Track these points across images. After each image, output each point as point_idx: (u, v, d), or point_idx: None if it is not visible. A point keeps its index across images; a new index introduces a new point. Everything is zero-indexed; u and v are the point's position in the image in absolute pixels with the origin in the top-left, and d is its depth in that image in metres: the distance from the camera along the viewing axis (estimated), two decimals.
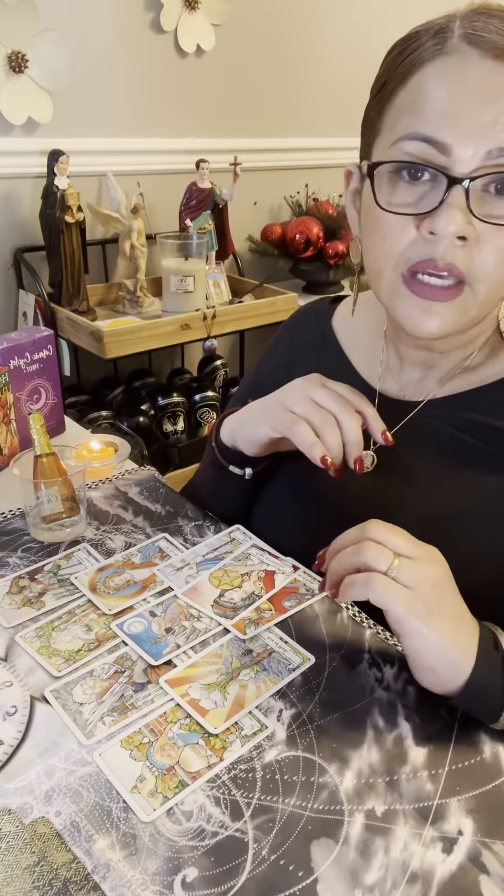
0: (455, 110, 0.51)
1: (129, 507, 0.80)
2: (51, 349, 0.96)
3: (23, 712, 0.53)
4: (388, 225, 0.56)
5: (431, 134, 0.52)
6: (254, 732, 0.51)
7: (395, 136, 0.55)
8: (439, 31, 0.53)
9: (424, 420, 0.68)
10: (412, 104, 0.54)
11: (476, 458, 0.64)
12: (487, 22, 0.52)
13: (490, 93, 0.51)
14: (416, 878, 0.42)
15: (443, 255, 0.54)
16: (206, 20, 1.79)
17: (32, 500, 0.73)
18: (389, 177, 0.56)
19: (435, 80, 0.53)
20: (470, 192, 0.52)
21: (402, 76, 0.55)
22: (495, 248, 0.54)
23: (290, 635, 0.60)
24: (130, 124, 1.78)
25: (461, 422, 0.66)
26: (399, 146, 0.54)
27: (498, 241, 0.53)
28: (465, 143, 0.51)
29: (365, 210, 0.60)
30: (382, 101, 0.57)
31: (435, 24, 0.54)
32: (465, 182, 0.52)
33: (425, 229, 0.54)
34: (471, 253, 0.54)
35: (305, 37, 2.03)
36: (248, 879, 0.42)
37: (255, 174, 2.03)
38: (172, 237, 1.73)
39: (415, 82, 0.54)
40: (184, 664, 0.57)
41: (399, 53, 0.56)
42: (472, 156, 0.51)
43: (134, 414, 1.86)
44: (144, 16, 1.70)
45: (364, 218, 0.61)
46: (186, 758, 0.50)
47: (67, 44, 1.57)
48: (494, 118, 0.51)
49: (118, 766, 0.49)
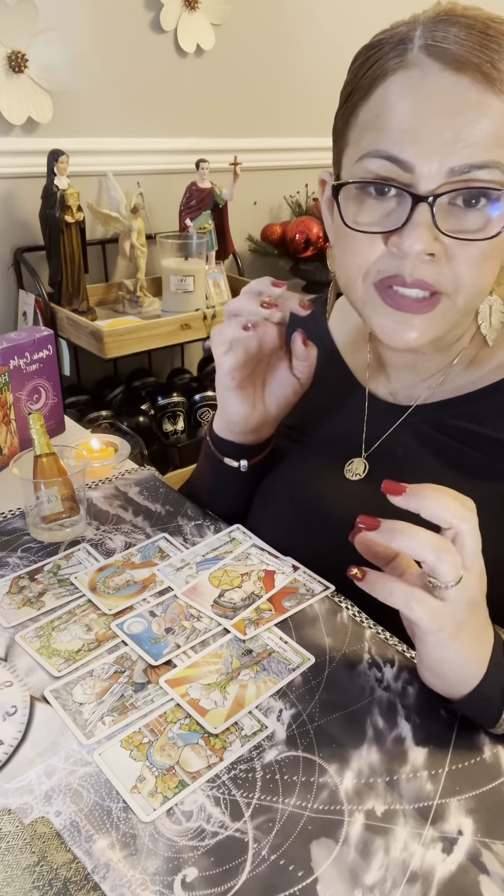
0: (417, 127, 0.51)
1: (129, 506, 0.80)
2: (51, 349, 0.96)
3: (23, 712, 0.53)
4: (357, 241, 0.56)
5: (394, 152, 0.52)
6: (254, 732, 0.51)
7: (359, 152, 0.55)
8: (400, 41, 0.52)
9: (414, 425, 0.68)
10: (375, 120, 0.53)
11: (465, 464, 0.65)
12: (447, 31, 0.50)
13: (451, 107, 0.50)
14: (415, 878, 0.42)
15: (411, 271, 0.54)
16: (206, 20, 1.79)
17: (32, 500, 0.73)
18: (356, 194, 0.56)
19: (395, 96, 0.52)
20: (436, 208, 0.51)
21: (365, 90, 0.55)
22: (466, 261, 0.54)
23: (290, 635, 0.60)
24: (130, 124, 1.78)
25: (449, 428, 0.66)
26: (363, 164, 0.54)
27: (468, 254, 0.53)
28: (427, 160, 0.51)
29: (336, 222, 0.60)
30: (348, 113, 0.57)
31: (397, 33, 0.53)
32: (429, 199, 0.51)
33: (393, 245, 0.54)
34: (440, 268, 0.54)
35: (305, 36, 2.03)
36: (248, 879, 0.42)
37: (255, 174, 2.03)
38: (172, 237, 1.73)
39: (376, 97, 0.54)
40: (184, 664, 0.57)
41: (362, 64, 0.56)
42: (435, 172, 0.51)
43: (134, 414, 1.86)
44: (144, 15, 1.70)
45: (335, 230, 0.61)
46: (186, 758, 0.50)
47: (67, 44, 1.57)
48: (455, 134, 0.50)
49: (118, 766, 0.49)
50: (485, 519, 0.47)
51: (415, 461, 0.67)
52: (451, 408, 0.67)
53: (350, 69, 0.58)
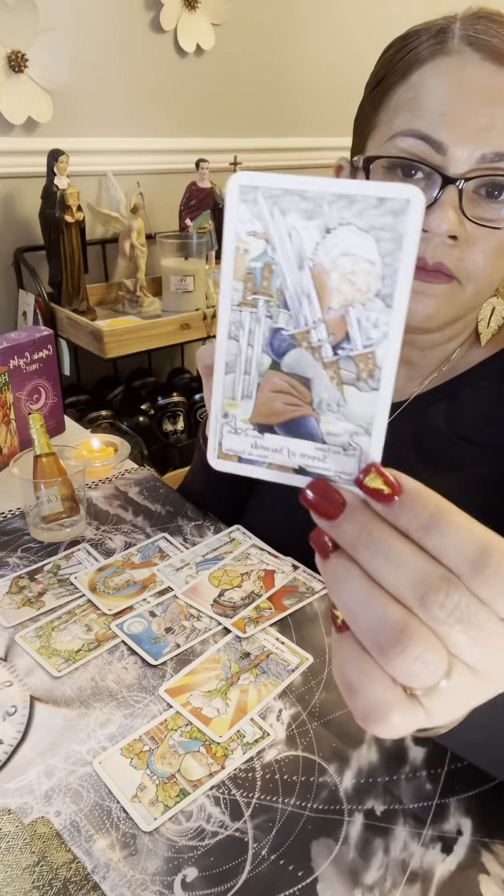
0: (454, 111, 0.52)
1: (129, 506, 0.80)
2: (50, 349, 0.96)
3: (22, 712, 0.53)
4: None
5: (429, 132, 0.53)
6: (255, 740, 0.51)
7: (391, 131, 0.55)
8: (440, 31, 0.54)
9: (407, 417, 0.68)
10: (411, 101, 0.54)
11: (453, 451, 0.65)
12: (488, 26, 0.52)
13: (489, 96, 0.51)
14: (415, 878, 0.42)
15: (433, 253, 0.54)
16: (206, 20, 1.79)
17: (32, 500, 0.73)
18: (384, 172, 0.56)
19: (435, 79, 0.53)
20: (463, 193, 0.52)
21: (402, 72, 0.55)
22: (484, 250, 0.54)
23: (289, 634, 0.60)
24: (130, 124, 1.77)
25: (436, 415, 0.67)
26: (395, 142, 0.55)
27: (487, 243, 0.54)
28: (461, 144, 0.52)
29: None
30: (379, 97, 0.58)
31: (435, 24, 0.55)
32: (459, 182, 0.52)
33: None
34: (461, 253, 0.54)
35: (305, 36, 2.03)
36: (248, 879, 0.42)
37: None
38: (172, 237, 1.72)
39: (414, 79, 0.54)
40: (182, 672, 0.57)
41: (398, 50, 0.56)
42: (467, 157, 0.52)
43: (134, 414, 1.86)
44: (144, 15, 1.70)
45: None
46: (187, 766, 0.49)
47: (67, 43, 1.57)
48: (491, 121, 0.51)
49: (118, 775, 0.48)
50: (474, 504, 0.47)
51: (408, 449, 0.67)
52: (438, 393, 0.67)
53: (382, 58, 0.59)
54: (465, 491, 0.51)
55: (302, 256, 0.26)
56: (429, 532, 0.25)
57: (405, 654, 0.24)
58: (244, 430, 0.28)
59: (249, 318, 0.27)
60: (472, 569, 0.24)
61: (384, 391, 0.26)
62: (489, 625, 0.25)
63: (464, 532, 0.25)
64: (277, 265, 0.26)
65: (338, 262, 0.26)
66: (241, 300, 0.27)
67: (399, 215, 0.25)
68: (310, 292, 0.26)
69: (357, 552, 0.26)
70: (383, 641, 0.25)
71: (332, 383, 0.27)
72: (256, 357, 0.28)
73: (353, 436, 0.27)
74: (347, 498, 0.27)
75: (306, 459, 0.28)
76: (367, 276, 0.25)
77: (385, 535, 0.26)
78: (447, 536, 0.25)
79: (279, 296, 0.27)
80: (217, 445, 0.29)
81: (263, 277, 0.27)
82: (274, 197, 0.26)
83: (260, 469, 0.29)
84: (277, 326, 0.27)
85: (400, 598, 0.25)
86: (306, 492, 0.27)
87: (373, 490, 0.26)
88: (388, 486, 0.26)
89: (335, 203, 0.25)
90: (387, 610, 0.25)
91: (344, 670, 0.27)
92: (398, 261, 0.25)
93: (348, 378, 0.27)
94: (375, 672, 0.26)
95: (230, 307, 0.27)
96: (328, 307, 0.26)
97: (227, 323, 0.27)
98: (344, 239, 0.25)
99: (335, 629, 0.28)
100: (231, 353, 0.28)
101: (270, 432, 0.28)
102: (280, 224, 0.26)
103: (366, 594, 0.26)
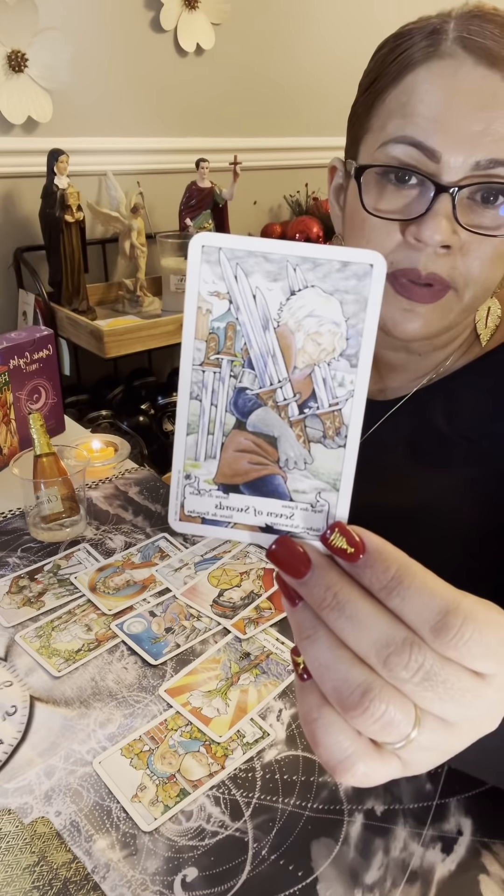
0: (447, 117, 0.51)
1: (129, 506, 0.80)
2: (50, 349, 0.96)
3: (22, 712, 0.53)
4: (374, 227, 0.56)
5: (421, 139, 0.51)
6: (255, 740, 0.51)
7: (384, 137, 0.54)
8: (433, 31, 0.52)
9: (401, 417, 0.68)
10: (403, 106, 0.53)
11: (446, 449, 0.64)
12: (482, 26, 0.51)
13: (482, 101, 0.50)
14: (415, 878, 0.42)
15: (426, 264, 0.53)
16: (206, 19, 1.79)
17: (32, 500, 0.73)
18: (377, 179, 0.55)
19: (427, 84, 0.52)
20: (456, 200, 0.51)
21: (394, 75, 0.54)
22: (480, 257, 0.53)
23: (289, 634, 0.60)
24: (130, 123, 1.77)
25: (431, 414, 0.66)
26: (387, 149, 0.54)
27: (482, 251, 0.53)
28: (455, 150, 0.51)
29: (350, 209, 0.59)
30: (371, 98, 0.57)
31: (429, 24, 0.53)
32: (452, 190, 0.51)
33: (410, 235, 0.54)
34: (454, 261, 0.54)
35: (305, 36, 2.03)
36: (248, 879, 0.42)
37: (255, 174, 2.03)
38: (172, 236, 1.72)
39: (406, 83, 0.53)
40: (182, 672, 0.57)
41: (391, 51, 0.55)
42: (461, 164, 0.51)
43: (134, 413, 1.86)
44: (144, 15, 1.70)
45: (348, 217, 0.60)
46: (187, 766, 0.49)
47: (67, 43, 1.57)
48: (485, 127, 0.50)
49: (118, 775, 0.49)
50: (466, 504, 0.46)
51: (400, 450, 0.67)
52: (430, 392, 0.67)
53: (374, 57, 0.57)
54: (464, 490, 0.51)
55: (267, 317, 0.27)
56: (390, 594, 0.25)
57: (366, 714, 0.25)
58: (207, 491, 0.28)
59: (213, 377, 0.27)
60: (433, 633, 0.24)
61: (350, 447, 0.27)
62: (457, 682, 0.25)
63: (425, 595, 0.25)
64: (242, 325, 0.27)
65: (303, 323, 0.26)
66: (203, 360, 0.27)
67: (363, 279, 0.25)
68: (275, 352, 0.27)
69: (322, 612, 0.26)
70: (345, 701, 0.25)
71: (299, 441, 0.27)
72: (220, 417, 0.28)
73: (320, 492, 0.27)
74: (313, 557, 0.27)
75: (273, 518, 0.28)
76: (332, 336, 0.26)
77: (350, 597, 0.26)
78: (407, 599, 0.25)
79: (243, 355, 0.27)
80: (178, 507, 0.28)
81: (227, 337, 0.27)
82: (238, 258, 0.26)
83: (224, 530, 0.29)
84: (242, 386, 0.27)
85: (365, 659, 0.25)
86: (273, 547, 0.27)
87: (337, 549, 0.26)
88: (351, 546, 0.26)
89: (300, 266, 0.26)
90: (350, 672, 0.25)
91: (307, 721, 0.27)
92: (362, 322, 0.26)
93: (315, 436, 0.27)
94: (339, 725, 0.26)
95: (192, 367, 0.27)
96: (294, 367, 0.27)
97: (189, 383, 0.27)
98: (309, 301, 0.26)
99: (297, 677, 0.29)
100: (193, 414, 0.28)
101: (235, 492, 0.28)
102: (244, 285, 0.26)
103: (330, 654, 0.26)
